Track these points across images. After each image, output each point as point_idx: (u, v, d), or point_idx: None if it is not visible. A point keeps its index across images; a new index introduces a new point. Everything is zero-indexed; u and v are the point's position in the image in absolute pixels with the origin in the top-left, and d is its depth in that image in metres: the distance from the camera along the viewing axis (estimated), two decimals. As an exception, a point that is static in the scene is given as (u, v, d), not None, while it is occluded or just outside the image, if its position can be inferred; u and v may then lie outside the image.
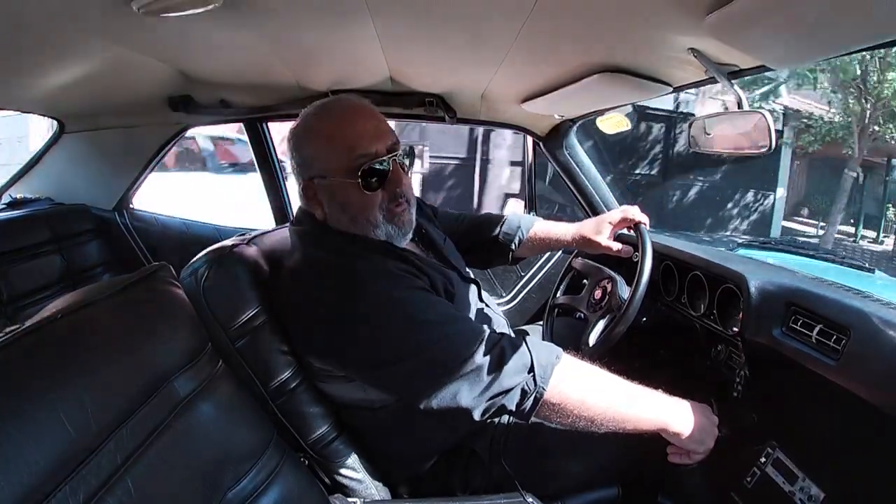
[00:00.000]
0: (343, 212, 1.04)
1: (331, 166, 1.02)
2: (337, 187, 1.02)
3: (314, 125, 1.04)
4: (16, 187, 2.12)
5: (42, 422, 0.60)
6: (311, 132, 1.04)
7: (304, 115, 1.06)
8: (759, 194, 10.32)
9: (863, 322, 0.94)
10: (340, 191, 1.02)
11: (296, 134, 1.05)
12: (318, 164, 1.03)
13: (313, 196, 1.05)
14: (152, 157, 2.13)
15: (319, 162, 1.02)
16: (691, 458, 1.05)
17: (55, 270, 1.90)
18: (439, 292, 1.05)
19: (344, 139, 1.00)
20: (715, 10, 0.80)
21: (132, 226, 2.18)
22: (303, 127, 1.05)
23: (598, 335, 1.28)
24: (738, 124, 1.15)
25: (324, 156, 1.02)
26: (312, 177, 1.03)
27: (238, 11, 0.98)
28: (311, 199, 1.05)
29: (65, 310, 0.73)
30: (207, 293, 0.99)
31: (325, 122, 1.03)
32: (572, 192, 2.06)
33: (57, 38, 1.15)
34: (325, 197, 1.04)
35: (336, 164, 1.01)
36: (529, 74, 1.46)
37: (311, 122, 1.04)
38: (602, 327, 1.29)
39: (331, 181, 1.02)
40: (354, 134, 1.01)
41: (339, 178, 1.01)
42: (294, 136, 1.05)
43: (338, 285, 0.96)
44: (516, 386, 0.93)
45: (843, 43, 0.80)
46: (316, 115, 1.05)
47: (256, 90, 1.81)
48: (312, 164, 1.03)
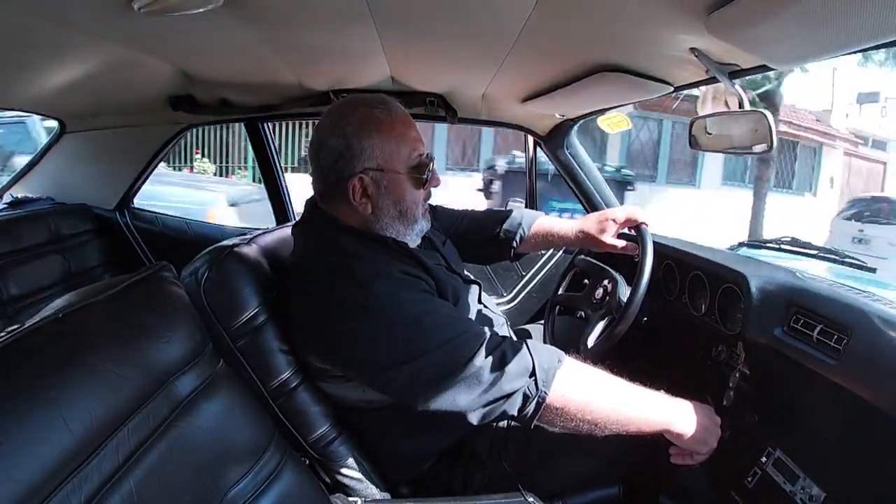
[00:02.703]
0: (395, 206, 1.04)
1: (394, 160, 1.02)
2: (394, 181, 1.03)
3: (377, 115, 1.02)
4: (17, 187, 2.12)
5: (43, 421, 0.60)
6: (373, 122, 1.01)
7: (357, 106, 1.04)
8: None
9: (864, 322, 0.94)
10: (397, 185, 1.03)
11: (351, 121, 1.01)
12: (379, 156, 1.01)
13: (360, 189, 1.02)
14: (153, 157, 2.13)
15: (384, 155, 1.01)
16: (694, 458, 1.05)
17: (56, 270, 1.90)
18: (446, 296, 1.05)
19: (407, 137, 1.04)
20: (716, 9, 0.80)
21: (133, 225, 2.19)
22: (362, 116, 1.02)
23: (597, 335, 1.28)
24: (739, 123, 1.15)
25: (391, 149, 1.02)
26: (367, 168, 1.01)
27: (239, 11, 0.98)
28: (357, 193, 1.02)
29: (65, 309, 0.73)
30: (208, 293, 0.99)
31: (387, 115, 1.03)
32: (574, 191, 2.06)
33: (58, 38, 1.15)
34: (378, 190, 1.02)
35: (400, 159, 1.03)
36: (530, 74, 1.45)
37: (371, 111, 1.02)
38: (602, 327, 1.29)
39: (390, 175, 1.02)
40: (412, 134, 1.05)
41: (400, 172, 1.03)
42: (348, 122, 1.01)
43: (341, 285, 0.96)
44: (517, 390, 0.92)
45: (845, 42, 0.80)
46: (379, 109, 1.03)
47: (257, 90, 1.81)
48: (372, 155, 1.01)
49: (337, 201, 1.04)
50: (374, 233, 1.05)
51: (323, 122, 1.05)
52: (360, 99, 1.08)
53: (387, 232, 1.05)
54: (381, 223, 1.05)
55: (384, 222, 1.05)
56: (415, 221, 1.07)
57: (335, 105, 1.08)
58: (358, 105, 1.04)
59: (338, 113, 1.04)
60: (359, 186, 1.01)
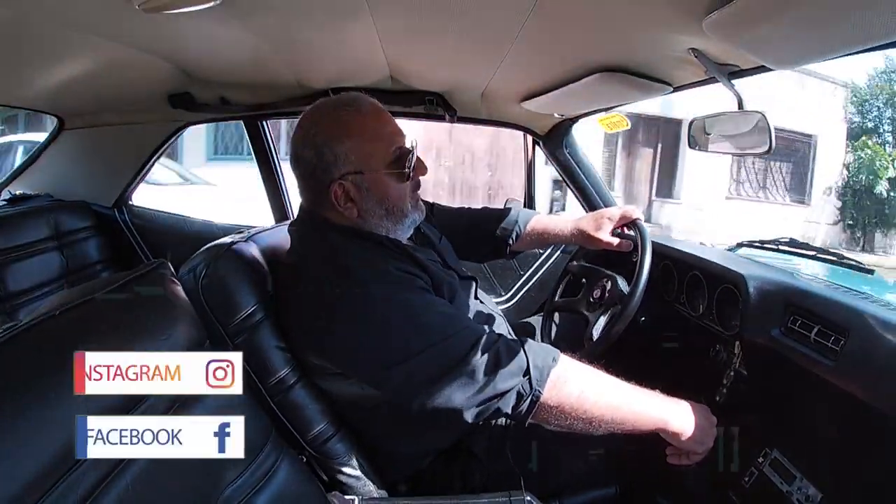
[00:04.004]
0: (380, 205, 1.04)
1: (371, 160, 1.01)
2: (375, 181, 1.02)
3: (343, 118, 1.01)
4: (15, 184, 2.12)
5: (39, 419, 0.61)
6: (340, 127, 1.00)
7: (325, 112, 1.03)
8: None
9: (861, 323, 0.94)
10: (378, 184, 1.03)
11: (319, 130, 1.01)
12: (355, 160, 1.00)
13: (343, 195, 1.01)
14: (152, 154, 2.12)
15: (359, 157, 1.01)
16: (690, 458, 1.05)
17: (54, 267, 1.89)
18: (442, 292, 1.05)
19: (382, 134, 1.03)
20: (715, 9, 0.80)
21: (131, 223, 2.18)
22: (328, 122, 1.01)
23: (602, 328, 1.27)
24: (739, 124, 1.15)
25: (365, 150, 1.01)
26: (345, 174, 1.00)
27: (238, 9, 0.98)
28: (340, 199, 1.02)
29: (63, 306, 0.73)
30: (206, 290, 0.99)
31: (354, 116, 1.02)
32: (572, 190, 2.06)
33: (57, 35, 1.15)
34: (360, 193, 1.02)
35: (376, 158, 1.02)
36: (529, 73, 1.45)
37: (337, 115, 1.02)
38: (603, 323, 1.29)
39: (370, 176, 1.02)
40: (387, 129, 1.04)
41: (379, 171, 1.02)
42: (316, 132, 1.01)
43: (337, 284, 0.96)
44: (511, 389, 0.92)
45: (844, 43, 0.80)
46: (346, 111, 1.02)
47: (256, 88, 1.81)
48: (348, 161, 1.00)
49: (324, 207, 1.04)
50: (367, 231, 1.05)
51: (296, 134, 1.04)
52: (327, 103, 1.06)
53: (378, 230, 1.05)
54: (371, 223, 1.05)
55: (373, 222, 1.05)
56: (404, 216, 1.07)
57: (305, 114, 1.06)
58: (325, 110, 1.04)
59: (308, 122, 1.04)
60: (340, 193, 1.01)
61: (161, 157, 2.18)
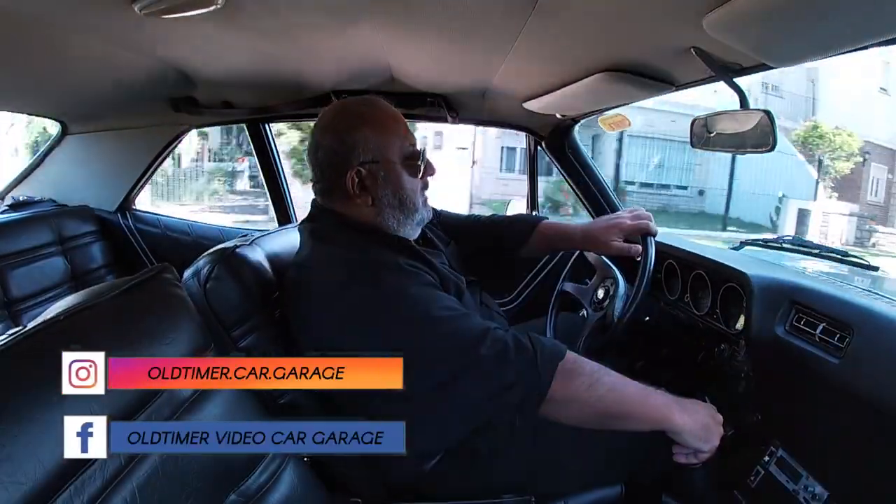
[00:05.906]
0: (394, 195, 1.06)
1: (388, 151, 1.05)
2: (391, 171, 1.05)
3: (364, 112, 1.07)
4: (19, 189, 2.13)
5: (45, 423, 0.61)
6: (361, 118, 1.05)
7: (346, 106, 1.10)
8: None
9: (866, 320, 0.93)
10: (393, 175, 1.06)
11: (341, 120, 1.06)
12: (372, 149, 1.04)
13: (358, 183, 1.04)
14: (155, 159, 2.13)
15: (375, 146, 1.04)
16: (697, 457, 1.04)
17: (58, 272, 1.90)
18: (449, 291, 1.05)
19: (396, 128, 1.08)
20: (715, 8, 0.80)
21: (135, 227, 2.19)
22: (350, 114, 1.07)
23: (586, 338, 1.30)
24: (741, 122, 1.15)
25: (381, 140, 1.05)
26: (363, 162, 1.04)
27: (240, 12, 0.99)
28: (355, 187, 1.04)
29: (67, 311, 0.73)
30: (210, 294, 0.99)
31: (374, 111, 1.08)
32: (574, 190, 2.06)
33: (59, 40, 1.15)
34: (376, 182, 1.05)
35: (393, 150, 1.06)
36: (531, 74, 1.45)
37: (358, 109, 1.08)
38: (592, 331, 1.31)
39: (386, 165, 1.05)
40: (402, 128, 1.09)
41: (395, 161, 1.06)
42: (338, 121, 1.06)
43: (348, 282, 0.96)
44: (519, 381, 0.93)
45: (844, 41, 0.80)
46: (362, 105, 1.09)
47: (258, 91, 1.81)
48: (366, 149, 1.04)
49: (338, 198, 1.07)
50: (378, 228, 1.06)
51: (316, 126, 1.09)
52: (347, 101, 1.14)
53: (389, 223, 1.07)
54: (383, 214, 1.06)
55: (386, 213, 1.06)
56: (416, 210, 1.09)
57: (325, 110, 1.11)
58: (346, 105, 1.10)
59: (330, 114, 1.09)
60: (356, 180, 1.04)
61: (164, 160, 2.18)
